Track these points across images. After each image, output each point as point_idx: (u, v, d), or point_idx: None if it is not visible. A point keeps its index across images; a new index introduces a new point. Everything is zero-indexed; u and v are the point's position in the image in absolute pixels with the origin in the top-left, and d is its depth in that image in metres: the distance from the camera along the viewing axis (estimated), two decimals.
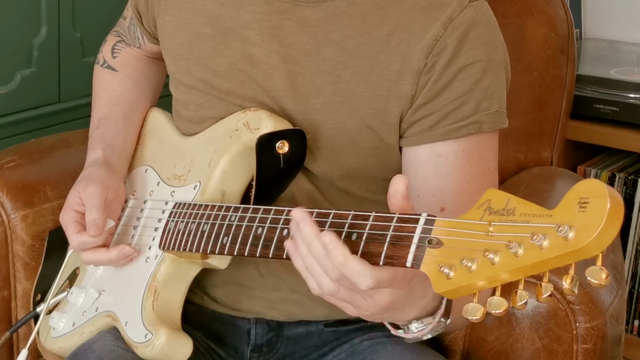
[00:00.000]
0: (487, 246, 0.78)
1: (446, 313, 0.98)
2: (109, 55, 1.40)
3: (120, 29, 1.41)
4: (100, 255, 1.21)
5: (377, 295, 0.92)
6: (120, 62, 1.39)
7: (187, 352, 1.14)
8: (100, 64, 1.40)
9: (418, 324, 0.98)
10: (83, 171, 1.27)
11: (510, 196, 0.79)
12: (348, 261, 0.88)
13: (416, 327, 0.98)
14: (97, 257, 1.21)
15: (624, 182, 2.03)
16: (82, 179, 1.25)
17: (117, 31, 1.42)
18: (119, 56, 1.40)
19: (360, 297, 0.93)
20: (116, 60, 1.39)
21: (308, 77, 1.13)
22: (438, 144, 1.10)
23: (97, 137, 1.31)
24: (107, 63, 1.40)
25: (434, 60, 1.08)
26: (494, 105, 1.10)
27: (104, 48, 1.42)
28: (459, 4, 1.09)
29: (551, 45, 1.66)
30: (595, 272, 0.74)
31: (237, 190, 1.16)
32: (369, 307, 0.94)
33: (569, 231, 0.73)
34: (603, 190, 0.72)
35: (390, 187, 0.92)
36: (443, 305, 0.97)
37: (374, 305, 0.93)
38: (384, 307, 0.93)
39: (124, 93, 1.36)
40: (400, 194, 0.90)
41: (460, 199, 1.08)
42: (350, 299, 0.94)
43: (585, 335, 1.21)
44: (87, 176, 1.25)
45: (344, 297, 0.93)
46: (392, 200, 0.91)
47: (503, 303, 0.79)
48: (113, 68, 1.39)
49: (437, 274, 0.81)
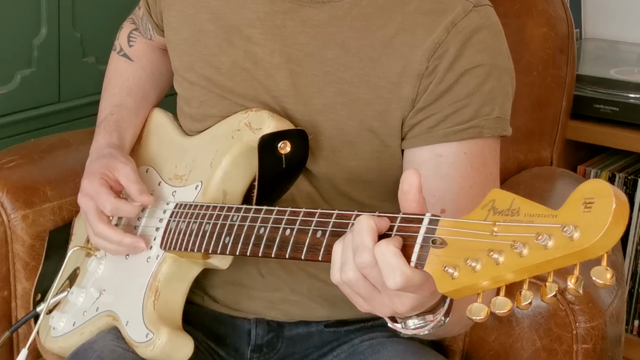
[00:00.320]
0: (492, 246, 0.78)
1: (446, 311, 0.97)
2: (125, 42, 1.41)
3: (135, 17, 1.41)
4: (115, 234, 1.19)
5: (397, 298, 0.88)
6: (136, 51, 1.40)
7: (188, 352, 1.14)
8: (117, 52, 1.41)
9: (417, 321, 0.94)
10: (100, 150, 1.27)
11: (514, 196, 0.79)
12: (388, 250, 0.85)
13: (414, 323, 0.94)
14: (111, 235, 1.19)
15: (624, 182, 2.03)
16: (106, 155, 1.24)
17: (133, 19, 1.42)
18: (135, 45, 1.40)
19: (378, 295, 0.89)
20: (132, 49, 1.40)
21: (310, 77, 1.13)
22: (439, 145, 1.09)
23: (113, 124, 1.31)
24: (124, 51, 1.40)
25: (435, 63, 1.08)
26: (495, 111, 1.10)
27: (120, 35, 1.42)
28: (463, 8, 1.09)
29: (551, 45, 1.66)
30: (601, 272, 0.73)
31: (239, 190, 1.16)
32: (385, 307, 0.90)
33: (574, 231, 0.73)
34: (608, 190, 0.72)
35: (403, 183, 0.88)
36: (446, 303, 0.94)
37: (390, 307, 0.89)
38: (399, 313, 0.90)
39: (138, 84, 1.37)
40: (416, 188, 0.87)
41: (461, 202, 1.07)
42: (367, 295, 0.89)
43: (585, 335, 1.21)
44: (110, 154, 1.24)
45: (360, 291, 0.89)
46: (408, 197, 0.87)
47: (507, 303, 0.79)
48: (129, 57, 1.39)
49: (441, 273, 0.81)
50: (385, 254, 0.85)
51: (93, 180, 1.21)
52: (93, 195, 1.20)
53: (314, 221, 0.96)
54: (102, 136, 1.30)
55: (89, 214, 1.21)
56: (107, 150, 1.26)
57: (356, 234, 0.87)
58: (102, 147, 1.28)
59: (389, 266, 0.85)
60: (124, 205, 1.19)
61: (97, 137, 1.31)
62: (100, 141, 1.29)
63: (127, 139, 1.31)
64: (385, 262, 0.85)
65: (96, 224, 1.20)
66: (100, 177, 1.21)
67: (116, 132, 1.30)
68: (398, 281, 0.84)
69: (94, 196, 1.20)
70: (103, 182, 1.20)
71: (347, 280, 0.89)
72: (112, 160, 1.23)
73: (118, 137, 1.29)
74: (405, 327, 0.95)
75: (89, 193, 1.21)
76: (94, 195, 1.20)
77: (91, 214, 1.21)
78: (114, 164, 1.22)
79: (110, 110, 1.34)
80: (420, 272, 0.85)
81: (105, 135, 1.30)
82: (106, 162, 1.22)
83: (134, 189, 1.20)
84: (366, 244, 0.86)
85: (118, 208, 1.19)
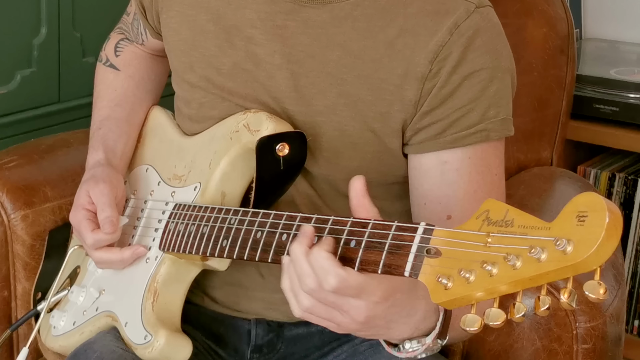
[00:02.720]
0: (485, 257, 0.78)
1: (442, 334, 0.97)
2: (111, 53, 1.40)
3: (124, 26, 1.40)
4: (114, 254, 1.20)
5: (352, 310, 0.91)
6: (123, 60, 1.39)
7: (186, 354, 1.14)
8: (103, 62, 1.40)
9: (412, 344, 0.97)
10: (86, 172, 1.28)
11: (508, 207, 0.79)
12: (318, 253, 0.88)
13: (410, 346, 0.97)
14: (110, 257, 1.20)
15: (624, 182, 2.03)
16: (89, 179, 1.25)
17: (121, 28, 1.42)
18: (121, 54, 1.39)
19: (337, 313, 0.92)
20: (119, 58, 1.39)
21: (311, 78, 1.12)
22: (444, 151, 1.09)
23: (99, 139, 1.31)
24: (110, 61, 1.39)
25: (439, 66, 1.08)
26: (501, 113, 1.10)
27: (107, 46, 1.42)
28: (466, 10, 1.09)
29: (551, 45, 1.66)
30: (593, 287, 0.74)
31: (238, 191, 1.16)
32: (348, 323, 0.93)
33: (567, 245, 0.73)
34: (602, 204, 0.72)
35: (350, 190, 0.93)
36: (438, 326, 0.96)
37: (351, 321, 0.92)
38: (362, 323, 0.92)
39: (126, 93, 1.36)
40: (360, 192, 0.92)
41: (467, 207, 1.07)
42: (328, 316, 0.93)
43: (585, 335, 1.21)
44: (93, 176, 1.24)
45: (321, 314, 0.93)
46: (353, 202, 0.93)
47: (501, 315, 0.79)
48: (115, 67, 1.38)
49: (435, 284, 0.81)
50: (317, 260, 0.88)
51: (76, 211, 1.23)
52: (76, 229, 1.23)
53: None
54: (90, 154, 1.31)
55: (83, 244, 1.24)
56: (92, 172, 1.26)
57: (295, 264, 0.91)
58: (89, 166, 1.29)
59: (322, 270, 0.88)
60: (103, 236, 1.20)
61: (88, 152, 1.32)
62: (89, 160, 1.30)
63: (117, 149, 1.31)
64: (318, 267, 0.88)
65: (94, 253, 1.22)
66: (82, 209, 1.22)
67: (102, 147, 1.30)
68: (332, 282, 0.88)
69: (77, 230, 1.22)
70: (84, 213, 1.21)
71: (306, 308, 0.92)
72: (95, 184, 1.23)
73: (104, 150, 1.29)
74: (401, 350, 0.98)
75: (74, 225, 1.24)
76: (77, 229, 1.22)
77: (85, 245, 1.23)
78: (94, 189, 1.22)
79: (98, 124, 1.34)
80: (356, 273, 0.88)
81: (92, 152, 1.31)
82: (90, 186, 1.23)
83: (101, 218, 1.20)
84: (305, 269, 0.90)
85: (99, 240, 1.20)
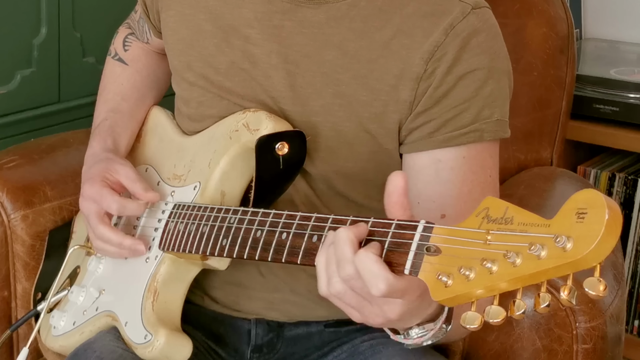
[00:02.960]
0: (485, 255, 0.78)
1: (447, 319, 0.96)
2: (120, 47, 1.41)
3: (131, 22, 1.41)
4: (115, 235, 1.19)
5: (387, 305, 0.90)
6: (131, 55, 1.40)
7: (186, 354, 1.14)
8: (112, 56, 1.41)
9: (419, 330, 0.96)
10: (96, 156, 1.27)
11: (508, 204, 0.79)
12: (368, 258, 0.86)
13: (416, 332, 0.96)
14: (110, 236, 1.19)
15: (624, 182, 2.03)
16: (102, 160, 1.24)
17: (129, 23, 1.43)
18: (130, 49, 1.40)
19: (368, 305, 0.90)
20: (127, 53, 1.40)
21: (307, 78, 1.13)
22: (438, 150, 1.09)
23: (107, 129, 1.31)
24: (119, 55, 1.40)
25: (434, 66, 1.08)
26: (495, 114, 1.10)
27: (116, 40, 1.43)
28: (462, 11, 1.09)
29: (551, 45, 1.66)
30: (593, 284, 0.74)
31: (237, 191, 1.16)
32: (377, 316, 0.91)
33: (566, 242, 0.73)
34: (601, 201, 0.72)
35: (388, 184, 0.89)
36: (445, 310, 0.95)
37: (381, 316, 0.91)
38: (391, 320, 0.91)
39: (131, 88, 1.37)
40: (401, 189, 0.88)
41: (461, 206, 1.07)
42: (357, 305, 0.91)
43: (585, 335, 1.21)
44: (107, 158, 1.24)
45: (350, 302, 0.91)
46: (392, 199, 0.89)
47: (501, 312, 0.79)
48: (124, 61, 1.39)
49: (435, 282, 0.81)
50: (366, 263, 0.86)
51: (94, 183, 1.21)
52: (96, 198, 1.20)
53: (310, 225, 0.97)
54: (96, 142, 1.30)
55: (90, 217, 1.21)
56: (104, 155, 1.26)
57: (337, 247, 0.89)
58: (97, 152, 1.28)
59: (371, 274, 0.86)
60: (129, 203, 1.19)
61: (91, 142, 1.31)
62: (95, 147, 1.29)
63: (122, 143, 1.31)
64: (366, 270, 0.87)
65: (97, 226, 1.20)
66: (101, 180, 1.21)
67: (110, 137, 1.30)
68: (382, 288, 0.86)
69: (97, 199, 1.20)
70: (104, 184, 1.20)
71: (335, 292, 0.90)
72: (110, 163, 1.23)
73: (112, 141, 1.30)
74: (407, 337, 0.97)
75: (91, 196, 1.21)
76: (98, 197, 1.20)
77: (92, 217, 1.21)
78: (113, 167, 1.22)
79: (105, 115, 1.34)
80: (402, 277, 0.86)
81: (99, 140, 1.30)
82: (104, 165, 1.22)
83: (138, 188, 1.20)
84: (347, 256, 0.88)
85: (124, 207, 1.18)
